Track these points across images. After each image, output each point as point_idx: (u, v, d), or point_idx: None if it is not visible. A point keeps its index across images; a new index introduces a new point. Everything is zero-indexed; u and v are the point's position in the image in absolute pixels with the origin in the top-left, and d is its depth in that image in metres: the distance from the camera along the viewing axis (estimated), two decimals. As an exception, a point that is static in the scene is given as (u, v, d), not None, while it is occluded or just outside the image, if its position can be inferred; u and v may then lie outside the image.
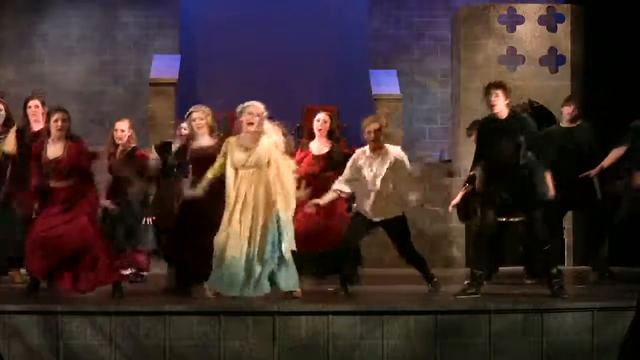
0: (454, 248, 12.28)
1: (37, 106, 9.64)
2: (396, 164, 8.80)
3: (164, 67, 14.02)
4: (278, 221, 8.23)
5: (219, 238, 8.21)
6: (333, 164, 9.50)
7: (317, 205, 9.00)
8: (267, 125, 8.51)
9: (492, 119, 8.61)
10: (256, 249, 8.19)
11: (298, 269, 8.39)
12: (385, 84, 14.11)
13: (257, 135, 8.40)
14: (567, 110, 10.28)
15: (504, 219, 8.64)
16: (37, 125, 9.54)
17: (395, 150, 8.91)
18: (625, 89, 12.80)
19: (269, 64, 14.71)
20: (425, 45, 15.01)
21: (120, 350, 7.49)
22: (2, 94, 9.89)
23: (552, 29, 13.37)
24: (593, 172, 9.79)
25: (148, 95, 13.64)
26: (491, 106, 8.54)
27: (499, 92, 8.50)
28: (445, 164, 13.27)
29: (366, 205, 8.81)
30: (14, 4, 14.71)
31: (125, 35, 14.87)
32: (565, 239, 9.41)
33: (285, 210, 8.29)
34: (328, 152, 9.64)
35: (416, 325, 7.58)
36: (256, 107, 8.48)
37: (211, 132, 8.98)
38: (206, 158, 8.75)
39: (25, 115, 9.61)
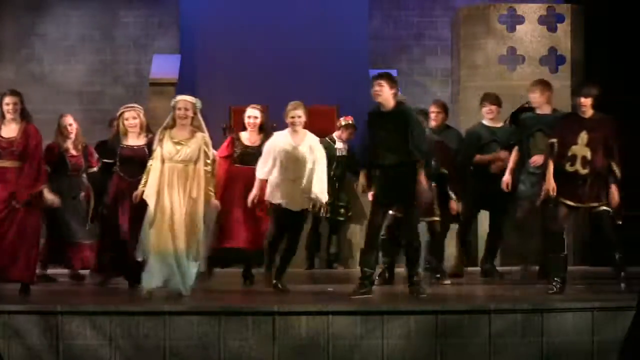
0: (449, 247, 12.23)
1: None
2: (314, 152, 8.89)
3: (164, 67, 14.02)
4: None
5: (145, 234, 8.30)
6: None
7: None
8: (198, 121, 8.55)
9: (378, 111, 8.56)
10: (183, 246, 8.28)
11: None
12: (385, 83, 14.09)
13: (192, 130, 8.44)
14: (485, 110, 10.23)
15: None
16: None
17: (313, 138, 9.01)
18: (625, 89, 12.81)
19: (268, 63, 14.71)
20: (425, 45, 14.99)
21: (120, 350, 7.49)
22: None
23: (552, 29, 13.37)
24: (505, 178, 9.77)
25: (148, 96, 13.64)
26: (375, 96, 8.49)
27: (383, 82, 8.46)
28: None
29: (284, 195, 8.86)
30: (14, 3, 14.70)
31: (125, 35, 14.86)
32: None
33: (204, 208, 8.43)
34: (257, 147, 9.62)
35: (416, 325, 7.58)
36: (186, 101, 8.51)
37: (142, 131, 9.29)
38: (134, 158, 9.13)
39: None
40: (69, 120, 10.31)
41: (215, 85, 14.55)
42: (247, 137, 9.59)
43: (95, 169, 10.25)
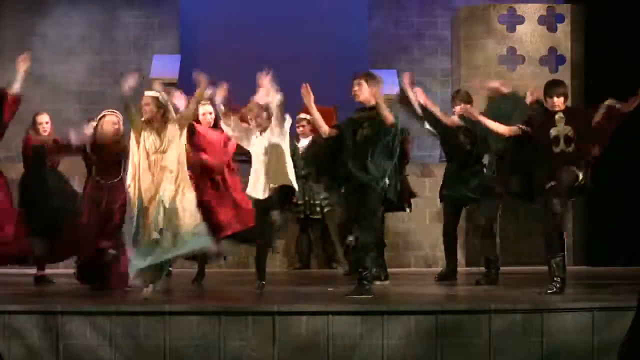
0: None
1: None
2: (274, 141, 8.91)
3: (164, 67, 14.02)
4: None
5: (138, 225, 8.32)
6: None
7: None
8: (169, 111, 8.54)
9: (359, 109, 8.62)
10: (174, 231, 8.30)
11: None
12: (385, 84, 14.07)
13: (164, 120, 8.45)
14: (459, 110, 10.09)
15: None
16: None
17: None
18: (625, 89, 12.80)
19: (268, 63, 14.69)
20: (425, 45, 15.00)
21: (120, 350, 7.49)
22: None
23: (552, 29, 13.39)
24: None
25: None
26: (354, 96, 8.58)
27: (362, 81, 8.56)
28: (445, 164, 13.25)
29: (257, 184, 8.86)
30: (14, 4, 14.70)
31: (125, 35, 14.87)
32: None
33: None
34: None
35: (416, 325, 7.57)
36: (146, 97, 8.50)
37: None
38: (108, 145, 9.13)
39: None
40: (45, 118, 10.34)
41: (215, 85, 14.53)
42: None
43: None
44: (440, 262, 11.17)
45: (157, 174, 8.33)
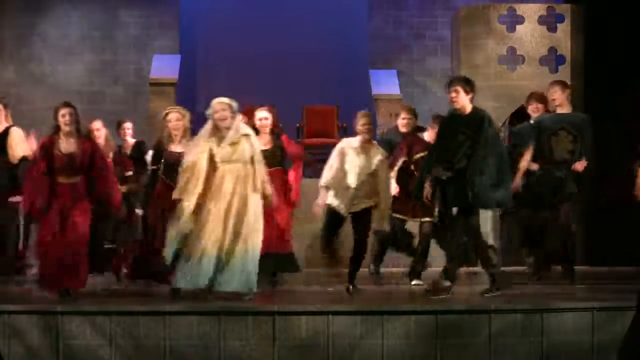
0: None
1: None
2: (382, 164, 8.78)
3: (164, 67, 14.02)
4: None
5: (188, 232, 8.16)
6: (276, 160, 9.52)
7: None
8: (239, 121, 8.42)
9: (454, 115, 8.48)
10: (229, 244, 8.15)
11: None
12: (385, 84, 14.12)
13: (236, 130, 8.31)
14: (532, 108, 9.95)
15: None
16: None
17: (381, 150, 8.89)
18: (625, 89, 12.81)
19: (269, 63, 14.72)
20: (425, 45, 15.00)
21: (120, 350, 7.49)
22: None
23: (552, 29, 13.39)
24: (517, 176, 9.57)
25: (148, 96, 13.65)
26: (452, 102, 8.43)
27: (459, 88, 8.36)
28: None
29: (343, 199, 8.72)
30: (14, 4, 14.71)
31: (125, 35, 14.87)
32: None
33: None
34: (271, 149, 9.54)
35: (416, 325, 7.58)
36: (223, 103, 8.32)
37: (185, 135, 8.92)
38: (179, 164, 8.56)
39: None
40: (97, 125, 10.15)
41: (215, 85, 14.55)
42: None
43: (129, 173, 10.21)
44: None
45: (232, 184, 8.23)
